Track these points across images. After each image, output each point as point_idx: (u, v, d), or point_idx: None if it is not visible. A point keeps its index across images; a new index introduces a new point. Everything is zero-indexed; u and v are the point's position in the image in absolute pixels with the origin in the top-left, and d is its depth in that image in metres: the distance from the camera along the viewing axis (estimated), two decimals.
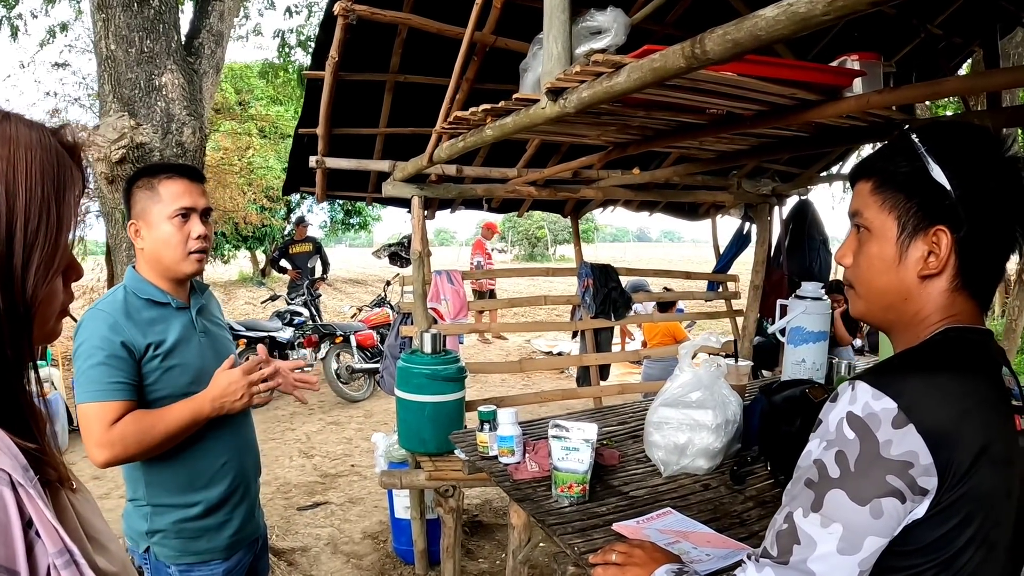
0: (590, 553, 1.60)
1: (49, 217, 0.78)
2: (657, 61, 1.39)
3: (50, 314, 0.83)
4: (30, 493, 0.72)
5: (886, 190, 1.07)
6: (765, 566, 1.03)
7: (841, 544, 0.95)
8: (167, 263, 1.87)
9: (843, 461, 0.96)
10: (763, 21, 1.16)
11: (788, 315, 3.32)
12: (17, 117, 0.80)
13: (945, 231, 1.02)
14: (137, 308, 1.84)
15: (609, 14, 1.88)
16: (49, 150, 0.80)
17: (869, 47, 2.20)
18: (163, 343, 1.83)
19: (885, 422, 0.93)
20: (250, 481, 2.05)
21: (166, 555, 1.87)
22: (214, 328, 2.04)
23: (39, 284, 0.78)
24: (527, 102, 1.95)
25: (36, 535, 0.71)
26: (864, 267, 1.11)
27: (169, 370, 1.83)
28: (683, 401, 2.16)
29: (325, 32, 2.90)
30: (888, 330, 1.14)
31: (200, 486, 1.89)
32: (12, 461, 0.72)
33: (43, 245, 0.78)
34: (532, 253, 43.71)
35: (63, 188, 0.81)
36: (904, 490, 0.93)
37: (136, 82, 3.85)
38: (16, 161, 0.76)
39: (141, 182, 1.89)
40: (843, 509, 0.95)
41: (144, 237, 1.88)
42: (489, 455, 2.36)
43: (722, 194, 4.63)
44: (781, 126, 2.36)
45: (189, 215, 1.87)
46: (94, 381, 1.73)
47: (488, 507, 4.83)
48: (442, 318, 4.05)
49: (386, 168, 3.67)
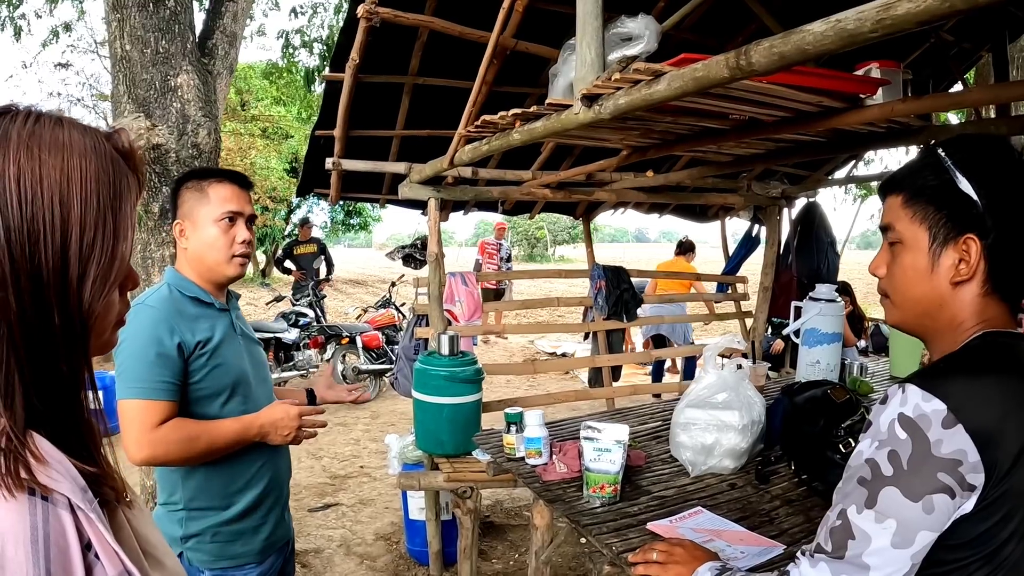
0: (627, 552, 1.63)
1: (105, 227, 0.75)
2: (700, 71, 1.42)
3: (106, 326, 0.81)
4: (89, 516, 0.70)
5: (916, 203, 1.12)
6: (820, 561, 1.07)
7: (895, 539, 1.00)
8: (210, 264, 1.89)
9: (896, 460, 1.00)
10: (811, 36, 1.18)
11: (803, 317, 3.35)
12: (71, 122, 0.77)
13: (974, 239, 1.06)
14: (183, 304, 1.85)
15: (640, 21, 1.91)
16: (104, 156, 0.77)
17: (881, 53, 2.23)
18: (210, 340, 1.84)
19: (935, 422, 0.97)
20: (283, 484, 2.07)
21: (201, 560, 1.87)
22: (249, 333, 2.06)
23: (96, 297, 0.75)
24: (559, 107, 1.98)
25: (95, 557, 0.70)
26: (899, 277, 1.16)
27: (215, 368, 1.84)
28: (710, 402, 2.20)
29: (346, 35, 2.92)
30: (924, 337, 1.19)
31: (237, 490, 1.90)
32: (71, 484, 0.70)
33: (100, 257, 0.75)
34: (532, 254, 43.79)
35: (119, 196, 0.77)
36: (954, 486, 0.97)
37: (151, 83, 3.85)
38: (70, 169, 0.73)
39: (191, 183, 1.90)
40: (897, 505, 1.00)
41: (189, 237, 1.89)
42: (516, 456, 2.39)
43: (732, 196, 4.67)
44: (801, 132, 2.39)
45: (235, 219, 1.89)
46: (140, 379, 1.73)
47: (499, 508, 4.86)
48: (456, 320, 4.08)
49: (402, 170, 3.69)
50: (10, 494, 0.66)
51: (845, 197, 9.83)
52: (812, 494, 2.09)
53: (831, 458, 2.07)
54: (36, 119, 0.74)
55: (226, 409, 1.86)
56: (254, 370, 1.98)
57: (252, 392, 1.94)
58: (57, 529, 0.68)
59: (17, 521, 0.66)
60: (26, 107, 0.76)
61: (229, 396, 1.86)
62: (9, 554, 0.65)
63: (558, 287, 19.33)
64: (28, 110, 0.75)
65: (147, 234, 3.61)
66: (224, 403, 1.86)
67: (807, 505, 2.02)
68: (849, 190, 9.41)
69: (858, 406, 2.19)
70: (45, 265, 0.71)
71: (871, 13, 1.08)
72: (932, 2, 0.99)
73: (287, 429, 1.85)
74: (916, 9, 1.02)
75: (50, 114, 0.76)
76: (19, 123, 0.73)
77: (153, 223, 3.68)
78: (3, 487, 0.66)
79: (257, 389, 1.97)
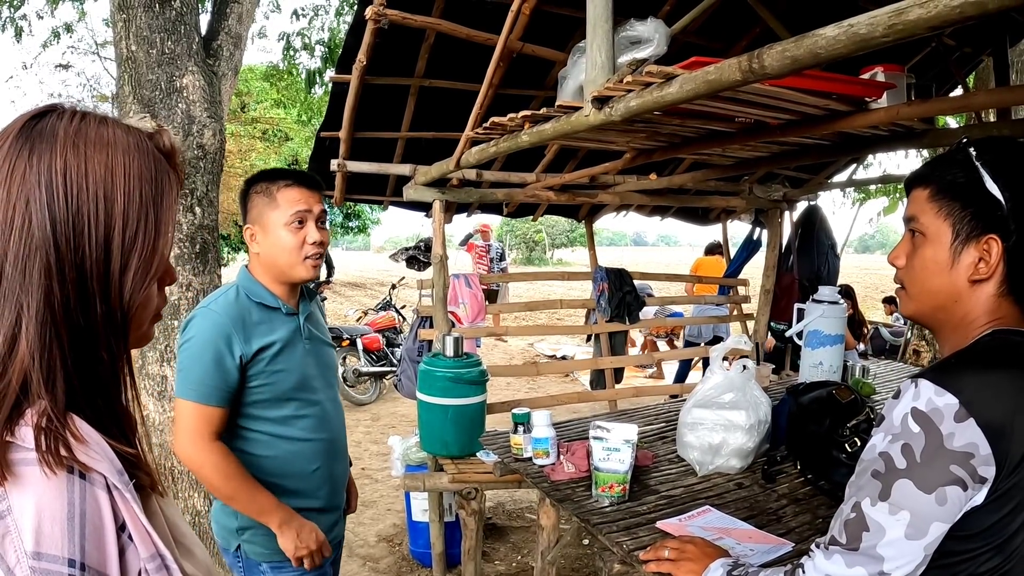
0: (638, 551, 1.64)
1: (147, 222, 0.78)
2: (712, 74, 1.44)
3: (145, 318, 0.83)
4: (125, 497, 0.72)
5: (943, 198, 1.14)
6: (834, 554, 1.09)
7: (909, 530, 1.02)
8: (282, 267, 1.91)
9: (909, 453, 1.02)
10: (823, 40, 1.20)
11: (806, 318, 3.37)
12: (115, 121, 0.79)
13: (996, 240, 1.09)
14: (248, 310, 1.88)
15: (650, 24, 1.93)
16: (147, 154, 0.80)
17: (885, 57, 2.26)
18: (271, 346, 1.86)
19: (948, 416, 1.00)
20: (339, 487, 2.08)
21: (256, 552, 1.89)
22: (319, 334, 2.07)
23: (136, 289, 0.78)
24: (569, 109, 1.99)
25: (128, 539, 0.72)
26: (918, 268, 1.18)
27: (275, 374, 1.87)
28: (716, 402, 2.21)
29: (354, 36, 2.94)
30: (936, 329, 1.21)
31: (292, 490, 1.91)
32: (109, 465, 0.73)
33: (141, 250, 0.77)
34: (530, 257, 43.80)
35: (161, 193, 0.80)
36: (966, 478, 0.99)
37: (157, 83, 3.86)
38: (114, 166, 0.76)
39: (259, 187, 1.93)
40: (910, 497, 1.02)
41: (260, 242, 1.92)
42: (523, 457, 2.40)
43: (734, 199, 4.69)
44: (806, 135, 2.41)
45: (305, 220, 1.91)
46: (197, 381, 1.77)
47: (501, 510, 4.87)
48: (460, 321, 4.09)
49: (407, 172, 3.71)
50: (51, 471, 0.68)
51: (844, 201, 9.82)
52: (818, 493, 2.10)
53: (836, 457, 2.09)
54: (82, 117, 0.77)
55: (283, 412, 1.90)
56: (320, 373, 2.00)
57: (314, 396, 1.96)
58: (93, 507, 0.70)
59: (56, 498, 0.68)
60: (71, 105, 0.78)
61: (288, 400, 1.90)
62: (46, 530, 0.67)
63: (556, 289, 19.35)
64: (74, 109, 0.78)
65: None
66: (282, 407, 1.90)
67: (814, 504, 2.03)
68: (848, 194, 9.41)
69: (863, 406, 2.21)
70: (89, 256, 0.74)
71: (883, 18, 1.09)
72: (943, 8, 1.01)
73: (302, 550, 1.83)
74: (927, 15, 1.03)
75: (95, 113, 0.79)
76: (65, 120, 0.76)
77: None
78: (44, 464, 0.68)
79: (321, 393, 1.99)
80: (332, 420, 2.02)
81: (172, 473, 3.63)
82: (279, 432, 1.90)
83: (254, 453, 1.88)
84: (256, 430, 1.89)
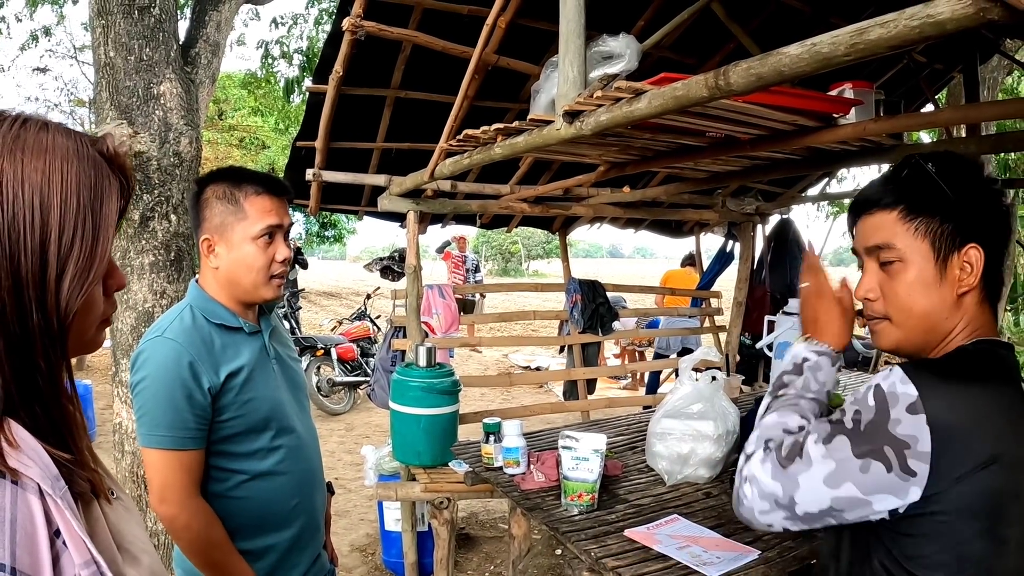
0: (606, 558, 1.66)
1: (85, 228, 0.77)
2: (679, 90, 1.47)
3: (89, 324, 0.82)
4: (58, 503, 0.71)
5: (916, 216, 1.13)
6: (769, 458, 1.16)
7: (828, 477, 1.09)
8: (245, 286, 1.68)
9: (857, 418, 1.09)
10: (787, 58, 1.24)
11: (776, 331, 3.42)
12: (56, 127, 0.79)
13: (977, 248, 1.11)
14: (209, 334, 1.64)
15: (622, 40, 1.96)
16: (86, 159, 0.78)
17: (855, 74, 2.31)
18: (239, 372, 1.64)
19: (902, 404, 1.04)
20: (319, 522, 1.87)
21: None
22: (285, 352, 1.85)
23: (74, 296, 0.76)
24: (541, 123, 2.02)
25: (63, 545, 0.71)
26: (903, 296, 1.15)
27: (246, 403, 1.64)
28: (685, 412, 2.24)
29: (331, 47, 2.95)
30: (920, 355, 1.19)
31: (271, 529, 1.70)
32: (42, 471, 0.72)
33: (78, 257, 0.76)
34: (506, 268, 43.86)
35: (100, 199, 0.79)
36: (893, 462, 1.04)
37: (134, 90, 3.83)
38: (51, 172, 0.75)
39: (219, 190, 1.67)
40: (841, 451, 1.08)
41: (220, 255, 1.67)
42: (494, 466, 2.42)
43: (707, 212, 4.75)
44: (776, 149, 2.46)
45: (274, 235, 1.68)
46: (166, 425, 1.55)
47: (474, 520, 4.86)
48: (433, 332, 4.10)
49: (382, 183, 3.72)
50: None
51: (818, 214, 9.97)
52: None
53: None
54: (23, 124, 0.77)
55: (257, 444, 1.68)
56: (292, 396, 1.79)
57: (288, 423, 1.74)
58: (24, 512, 0.69)
59: None
60: (16, 112, 0.78)
61: (261, 431, 1.68)
62: None
63: (532, 301, 19.39)
64: (17, 115, 0.78)
65: (127, 241, 3.59)
66: (256, 439, 1.67)
67: None
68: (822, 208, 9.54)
69: None
70: (24, 264, 0.74)
71: (845, 38, 1.13)
72: (903, 28, 1.05)
73: None
74: (888, 34, 1.07)
75: (37, 119, 0.79)
76: (5, 127, 0.76)
77: (133, 230, 3.66)
78: None
79: (294, 419, 1.77)
80: (308, 448, 1.81)
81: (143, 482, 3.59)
82: (253, 468, 1.67)
83: (226, 496, 1.64)
84: (227, 468, 1.65)
